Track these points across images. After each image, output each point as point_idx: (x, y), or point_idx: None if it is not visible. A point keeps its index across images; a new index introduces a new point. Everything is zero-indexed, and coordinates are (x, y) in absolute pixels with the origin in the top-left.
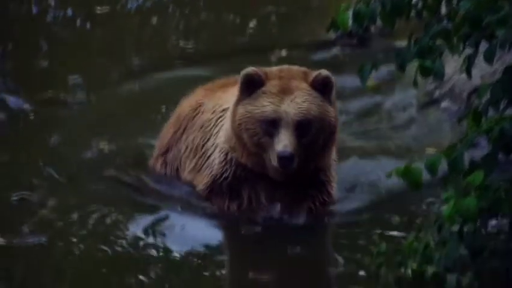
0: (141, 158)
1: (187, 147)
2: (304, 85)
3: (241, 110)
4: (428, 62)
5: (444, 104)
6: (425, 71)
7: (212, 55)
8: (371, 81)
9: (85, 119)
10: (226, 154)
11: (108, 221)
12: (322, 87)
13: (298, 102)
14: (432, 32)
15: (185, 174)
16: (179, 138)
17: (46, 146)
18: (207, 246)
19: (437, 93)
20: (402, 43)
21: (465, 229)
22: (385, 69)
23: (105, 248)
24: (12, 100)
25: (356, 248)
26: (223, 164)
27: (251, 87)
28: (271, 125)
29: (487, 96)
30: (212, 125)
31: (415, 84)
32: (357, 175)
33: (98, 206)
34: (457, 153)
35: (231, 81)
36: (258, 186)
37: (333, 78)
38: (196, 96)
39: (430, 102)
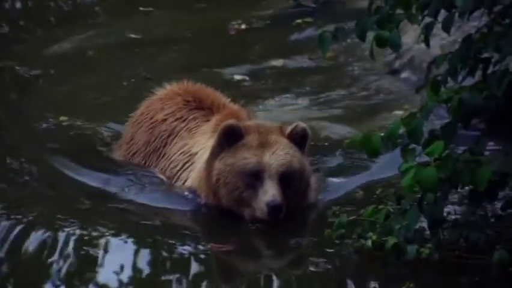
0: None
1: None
2: (283, 139)
3: (219, 164)
4: (385, 32)
5: (404, 74)
6: (381, 42)
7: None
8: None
9: (41, 88)
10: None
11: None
12: (299, 140)
13: (280, 155)
14: (392, 1)
15: None
16: (151, 153)
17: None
18: (164, 224)
19: (397, 64)
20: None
21: (425, 200)
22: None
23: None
24: None
25: (322, 222)
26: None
27: (231, 139)
28: (254, 178)
29: (445, 66)
30: (179, 168)
31: (371, 55)
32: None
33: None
34: (416, 122)
35: (207, 102)
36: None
37: (309, 131)
38: (171, 110)
39: (390, 72)
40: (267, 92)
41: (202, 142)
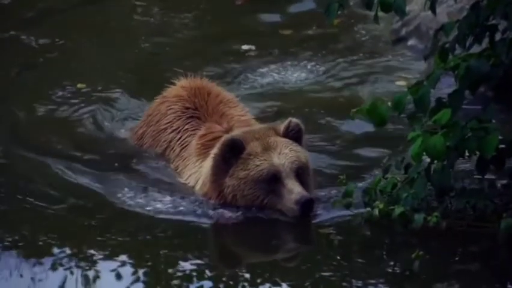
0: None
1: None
2: (280, 138)
3: (232, 181)
4: None
5: (411, 41)
6: (386, 7)
7: None
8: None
9: (52, 58)
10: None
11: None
12: (295, 134)
13: (286, 153)
14: None
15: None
16: (162, 154)
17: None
18: (167, 241)
19: (403, 31)
20: None
21: (432, 168)
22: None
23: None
24: None
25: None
26: None
27: (235, 153)
28: (272, 182)
29: (453, 34)
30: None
31: (376, 19)
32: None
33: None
34: (423, 90)
35: (202, 110)
36: None
37: (302, 125)
38: (171, 117)
39: (397, 40)
40: (273, 62)
41: (190, 168)
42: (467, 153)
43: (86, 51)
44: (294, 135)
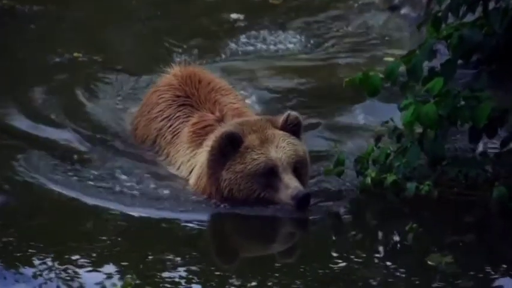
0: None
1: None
2: (278, 131)
3: (228, 174)
4: None
5: (404, 10)
6: None
7: None
8: None
9: (46, 27)
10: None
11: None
12: (293, 128)
13: (284, 147)
14: None
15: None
16: (152, 144)
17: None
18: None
19: (396, 0)
20: None
21: (425, 137)
22: None
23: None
24: None
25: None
26: None
27: (234, 146)
28: (269, 176)
29: (446, 2)
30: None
31: None
32: None
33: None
34: (415, 59)
35: (194, 98)
36: None
37: (301, 117)
38: (162, 106)
39: (390, 8)
40: (261, 31)
41: (181, 154)
42: (459, 122)
43: (84, 21)
44: (292, 128)
